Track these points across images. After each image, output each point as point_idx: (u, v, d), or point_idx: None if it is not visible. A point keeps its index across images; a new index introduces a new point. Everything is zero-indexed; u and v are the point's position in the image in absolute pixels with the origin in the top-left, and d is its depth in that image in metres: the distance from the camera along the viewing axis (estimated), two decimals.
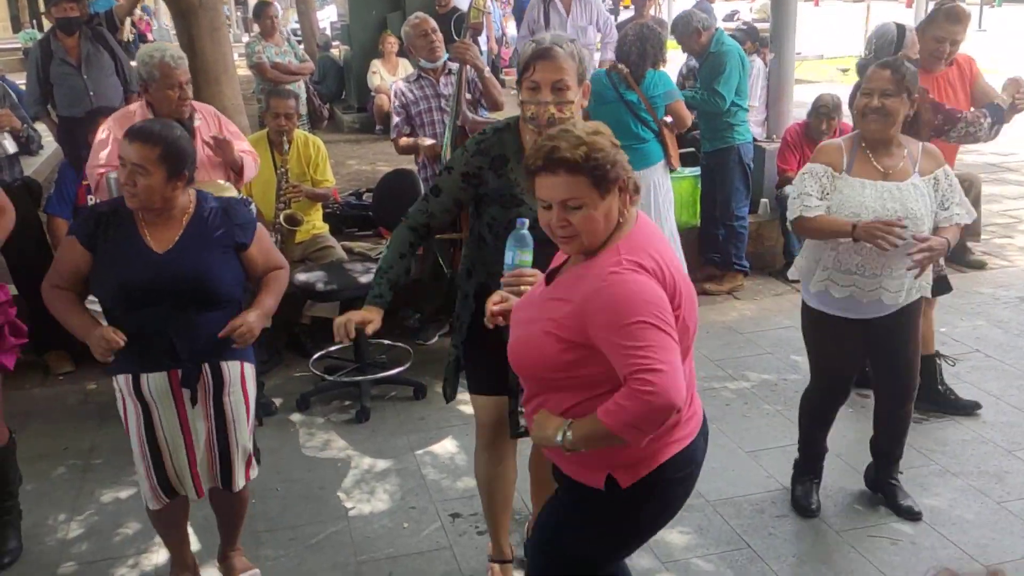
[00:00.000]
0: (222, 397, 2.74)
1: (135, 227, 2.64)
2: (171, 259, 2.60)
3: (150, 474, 2.74)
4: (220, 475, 2.81)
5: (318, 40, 13.15)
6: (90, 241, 2.63)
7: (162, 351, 2.62)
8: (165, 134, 2.59)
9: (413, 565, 3.10)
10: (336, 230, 5.28)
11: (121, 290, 2.59)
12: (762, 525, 3.27)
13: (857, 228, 2.93)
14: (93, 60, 5.42)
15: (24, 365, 4.68)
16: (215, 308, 2.65)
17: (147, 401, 2.67)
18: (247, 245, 2.73)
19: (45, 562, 3.18)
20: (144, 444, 2.71)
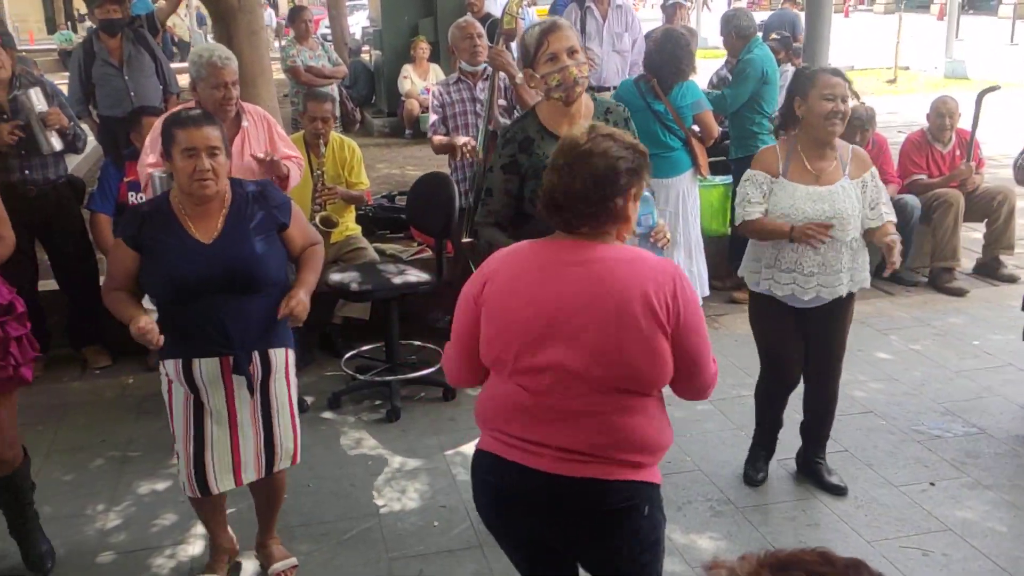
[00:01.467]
0: (269, 384, 2.82)
1: (178, 221, 2.70)
2: (219, 248, 2.67)
3: (189, 464, 2.79)
4: (265, 463, 2.87)
5: (349, 45, 13.27)
6: (135, 241, 2.70)
7: (215, 338, 2.69)
8: (210, 117, 2.77)
9: (443, 563, 3.14)
10: (368, 232, 5.33)
11: (172, 284, 2.65)
12: (792, 533, 3.27)
13: (794, 230, 3.21)
14: (134, 61, 5.51)
15: (62, 359, 4.80)
16: (262, 293, 2.72)
17: (198, 386, 2.74)
18: (287, 225, 2.82)
19: (84, 551, 3.25)
20: (190, 430, 2.77)
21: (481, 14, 7.49)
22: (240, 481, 2.86)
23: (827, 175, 3.28)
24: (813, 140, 3.28)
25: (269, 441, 2.87)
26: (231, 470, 2.82)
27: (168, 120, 2.77)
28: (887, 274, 3.36)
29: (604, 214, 1.96)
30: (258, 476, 2.89)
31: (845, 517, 3.35)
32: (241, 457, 2.83)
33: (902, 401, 4.26)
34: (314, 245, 2.94)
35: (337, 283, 4.33)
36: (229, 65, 3.65)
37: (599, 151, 1.95)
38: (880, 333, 5.08)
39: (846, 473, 3.63)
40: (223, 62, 3.63)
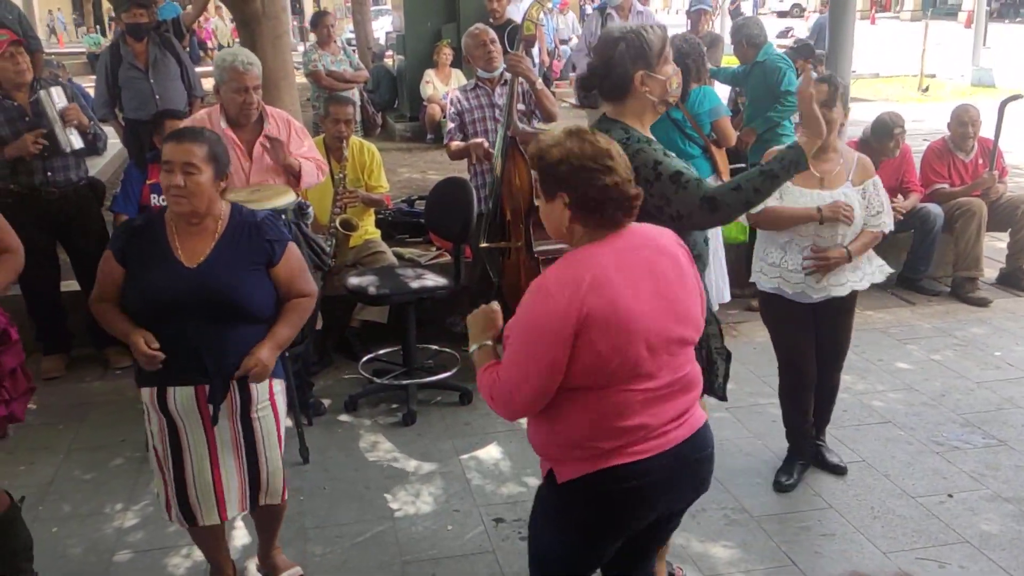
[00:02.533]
0: (250, 414, 2.68)
1: (166, 240, 2.61)
2: (201, 273, 2.57)
3: (171, 498, 2.69)
4: (249, 496, 2.75)
5: (373, 49, 13.35)
6: (122, 256, 2.62)
7: (190, 366, 2.57)
8: (206, 134, 2.62)
9: (456, 567, 3.14)
10: (387, 236, 5.36)
11: (148, 303, 2.56)
12: (808, 543, 3.25)
13: (822, 210, 3.32)
14: (160, 65, 5.58)
15: (84, 359, 4.86)
16: (246, 324, 2.61)
17: (172, 416, 2.62)
18: (273, 263, 2.67)
19: (101, 549, 3.28)
20: (167, 461, 2.66)
21: (502, 20, 7.52)
22: (225, 516, 2.73)
23: (831, 179, 3.39)
24: None
25: (254, 475, 2.73)
26: (215, 506, 2.70)
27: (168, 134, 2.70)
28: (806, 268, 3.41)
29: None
30: (241, 511, 2.78)
31: (861, 528, 3.32)
32: (224, 493, 2.69)
33: (921, 412, 4.22)
34: (302, 297, 2.76)
35: (355, 286, 4.36)
36: (251, 70, 3.69)
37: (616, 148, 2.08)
38: (900, 343, 5.04)
39: (863, 483, 3.61)
40: (244, 67, 3.66)
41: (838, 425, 4.07)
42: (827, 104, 3.33)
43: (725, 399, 2.89)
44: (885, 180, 5.30)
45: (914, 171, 5.90)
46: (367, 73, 9.06)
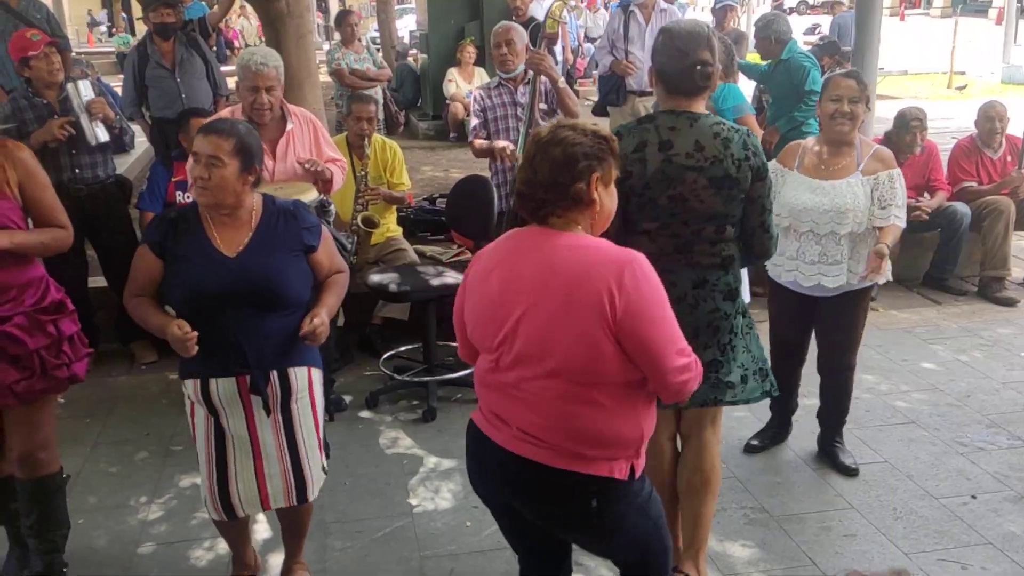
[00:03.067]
0: (290, 404, 2.71)
1: (203, 232, 2.63)
2: (242, 263, 2.60)
3: (213, 490, 2.71)
4: (295, 489, 2.76)
5: (397, 48, 13.40)
6: (160, 249, 2.64)
7: (231, 356, 2.60)
8: (237, 127, 2.64)
9: (474, 563, 3.16)
10: (409, 234, 5.39)
11: (192, 295, 2.58)
12: (829, 543, 3.23)
13: None
14: (186, 64, 5.64)
15: (111, 354, 4.93)
16: (283, 312, 2.64)
17: (216, 407, 2.66)
18: (315, 248, 2.72)
19: (126, 540, 3.33)
20: (212, 453, 2.70)
21: (524, 18, 7.52)
22: (268, 506, 2.77)
23: (837, 171, 3.44)
24: (828, 139, 3.47)
25: (298, 467, 2.75)
26: (257, 498, 2.73)
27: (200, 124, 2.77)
28: (857, 280, 3.47)
29: (566, 200, 2.04)
30: (287, 504, 2.78)
31: (883, 528, 3.30)
32: (267, 485, 2.72)
33: (946, 412, 4.18)
34: (340, 273, 2.84)
35: (377, 284, 4.38)
36: (263, 70, 3.67)
37: (557, 140, 2.04)
38: (926, 343, 4.99)
39: (885, 484, 3.58)
40: (257, 67, 3.65)
41: (861, 425, 4.05)
42: (855, 100, 3.34)
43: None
44: (911, 178, 5.26)
45: (940, 169, 5.84)
46: (390, 71, 9.10)
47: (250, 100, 3.72)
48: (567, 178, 2.02)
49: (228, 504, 2.73)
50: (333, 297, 2.79)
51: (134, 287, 2.70)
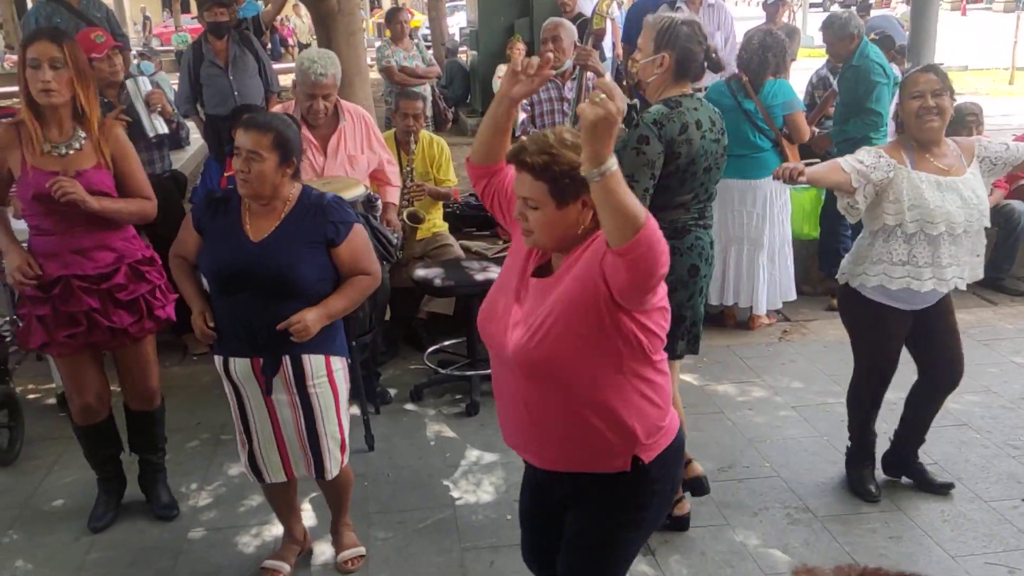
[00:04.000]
0: (306, 388, 2.81)
1: (239, 215, 2.80)
2: (262, 248, 2.72)
3: (243, 455, 2.96)
4: (314, 466, 2.92)
5: (447, 45, 13.47)
6: (199, 224, 2.84)
7: (245, 338, 2.76)
8: (276, 123, 2.74)
9: (514, 556, 3.14)
10: (455, 229, 5.42)
11: (215, 272, 2.77)
12: (873, 545, 3.18)
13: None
14: (239, 62, 5.75)
15: (165, 344, 5.01)
16: (299, 301, 2.72)
17: (236, 383, 2.85)
18: (336, 243, 2.78)
19: (177, 526, 3.43)
20: (239, 422, 2.91)
21: (573, 14, 7.50)
22: (291, 474, 2.94)
23: (954, 169, 3.18)
24: (918, 142, 3.18)
25: (316, 447, 2.88)
26: (280, 464, 2.92)
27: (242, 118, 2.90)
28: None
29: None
30: (308, 473, 2.95)
31: (930, 531, 3.24)
32: (288, 454, 2.90)
33: (999, 415, 4.08)
34: (363, 275, 2.86)
35: (422, 278, 4.43)
36: (322, 81, 3.81)
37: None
38: (981, 344, 4.87)
39: None
40: (316, 77, 3.78)
41: None
42: (939, 93, 3.11)
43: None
44: None
45: None
46: (439, 69, 9.15)
47: (307, 105, 3.84)
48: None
49: (256, 467, 2.94)
50: (341, 300, 2.81)
51: (179, 247, 2.92)
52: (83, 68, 2.99)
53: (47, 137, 3.01)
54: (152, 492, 3.51)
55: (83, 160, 3.02)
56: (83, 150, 3.04)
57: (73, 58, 2.95)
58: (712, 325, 5.22)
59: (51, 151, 3.01)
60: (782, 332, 5.16)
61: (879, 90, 5.10)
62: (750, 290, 5.02)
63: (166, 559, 3.22)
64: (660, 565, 3.09)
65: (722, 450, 3.85)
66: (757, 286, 4.99)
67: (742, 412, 4.20)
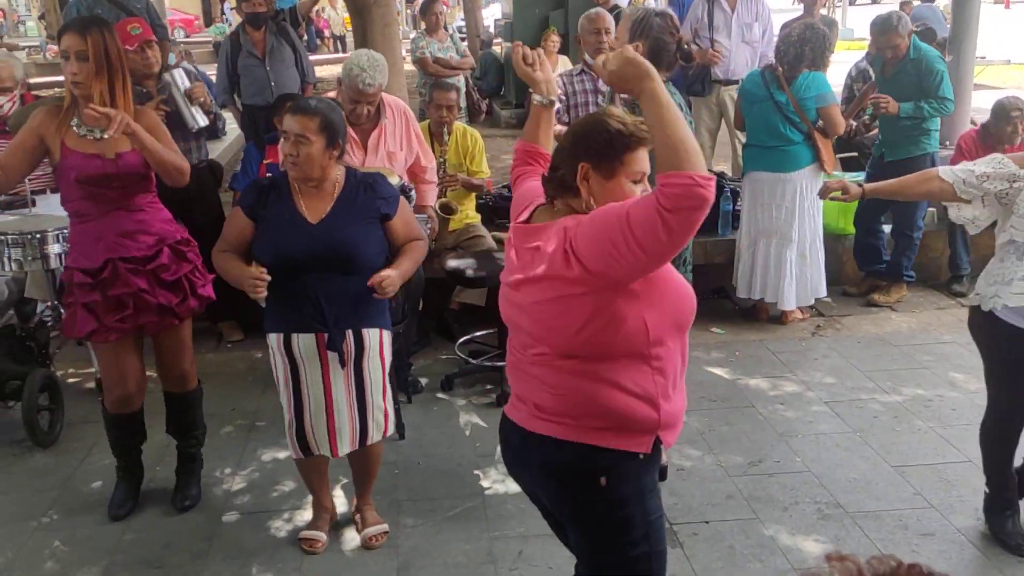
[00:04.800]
0: (362, 363, 2.97)
1: (292, 199, 2.91)
2: (323, 228, 2.85)
3: (291, 430, 3.03)
4: (359, 436, 3.04)
5: (482, 36, 13.47)
6: (252, 211, 2.93)
7: (312, 315, 2.87)
8: (322, 108, 2.86)
9: (542, 546, 3.19)
10: (488, 220, 5.43)
11: (278, 256, 2.84)
12: (904, 541, 3.16)
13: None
14: (276, 53, 5.80)
15: (200, 332, 5.09)
16: (359, 276, 2.86)
17: (296, 359, 2.93)
18: (390, 216, 2.97)
19: (211, 509, 3.48)
20: (291, 400, 2.98)
21: (608, 5, 7.47)
22: (336, 452, 3.04)
23: None
24: None
25: (363, 420, 3.03)
26: (327, 440, 3.02)
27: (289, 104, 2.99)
28: None
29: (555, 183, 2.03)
30: (352, 448, 3.06)
31: (963, 529, 3.20)
32: (336, 431, 3.00)
33: None
34: (418, 240, 3.06)
35: (454, 269, 4.45)
36: (369, 90, 3.86)
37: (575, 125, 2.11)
38: None
39: (969, 485, 3.46)
40: (365, 86, 3.83)
41: (946, 424, 3.94)
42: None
43: None
44: None
45: None
46: (472, 60, 9.15)
47: (351, 108, 3.89)
48: (558, 160, 2.02)
49: (304, 442, 3.03)
50: (407, 261, 2.99)
51: (223, 244, 2.99)
52: (111, 59, 2.99)
53: (83, 122, 3.06)
54: (184, 483, 3.53)
55: (120, 143, 3.06)
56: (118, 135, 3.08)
57: (95, 49, 2.95)
58: (744, 319, 5.20)
59: (87, 134, 3.06)
60: (815, 327, 5.11)
61: (946, 77, 5.05)
62: (778, 285, 4.97)
63: (200, 541, 3.28)
64: (688, 558, 3.08)
65: (752, 444, 3.83)
66: (785, 281, 4.94)
67: (773, 407, 4.17)
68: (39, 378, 3.97)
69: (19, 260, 3.88)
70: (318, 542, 3.19)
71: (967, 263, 5.49)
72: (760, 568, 3.05)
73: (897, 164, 4.94)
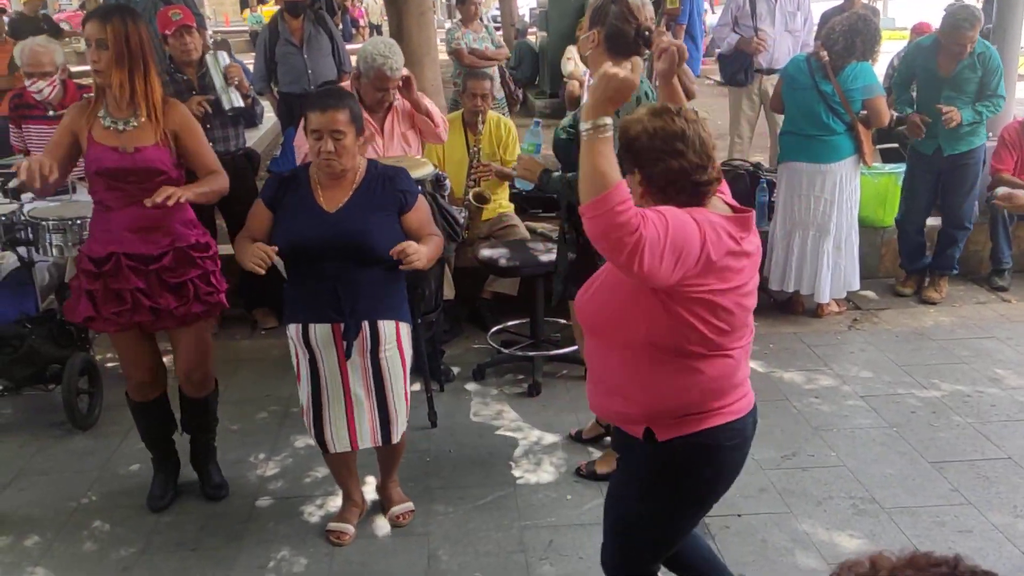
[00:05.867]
0: (379, 354, 2.95)
1: (310, 190, 2.92)
2: (339, 218, 2.86)
3: (309, 426, 3.05)
4: (380, 431, 3.03)
5: (516, 26, 13.44)
6: (272, 202, 2.95)
7: (328, 304, 2.88)
8: (346, 98, 2.87)
9: (573, 535, 3.19)
10: (520, 210, 5.42)
11: (294, 244, 2.86)
12: (941, 538, 3.11)
13: None
14: (313, 41, 5.84)
15: (235, 319, 5.18)
16: (375, 267, 2.87)
17: (313, 349, 2.94)
18: (406, 210, 2.96)
19: (245, 494, 3.53)
20: (309, 392, 2.99)
21: None
22: (355, 446, 3.02)
23: None
24: None
25: (384, 412, 3.01)
26: (346, 435, 3.00)
27: (306, 101, 2.95)
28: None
29: None
30: (374, 444, 3.04)
31: (1001, 526, 3.15)
32: (356, 426, 2.99)
33: None
34: (433, 235, 3.03)
35: (487, 258, 4.45)
36: (395, 76, 3.87)
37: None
38: None
39: (1008, 481, 3.42)
40: (392, 72, 3.84)
41: (985, 420, 3.87)
42: None
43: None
44: None
45: None
46: (507, 51, 9.13)
47: (379, 96, 3.88)
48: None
49: (321, 437, 3.03)
50: (430, 248, 2.95)
51: (245, 232, 3.01)
52: (131, 48, 2.93)
53: (109, 112, 3.05)
54: (204, 471, 3.53)
55: (141, 137, 3.03)
56: (141, 127, 3.03)
57: (116, 38, 2.90)
58: (779, 312, 5.14)
59: (111, 126, 3.03)
60: (852, 321, 5.05)
61: (1002, 72, 4.98)
62: (813, 277, 4.90)
63: (235, 525, 3.32)
64: (720, 551, 3.06)
65: (786, 438, 3.79)
66: (821, 273, 4.87)
67: (808, 400, 4.13)
68: (79, 362, 4.04)
69: (60, 246, 3.95)
70: (345, 534, 3.19)
71: (1009, 256, 5.39)
72: (792, 563, 3.02)
73: (956, 158, 5.04)
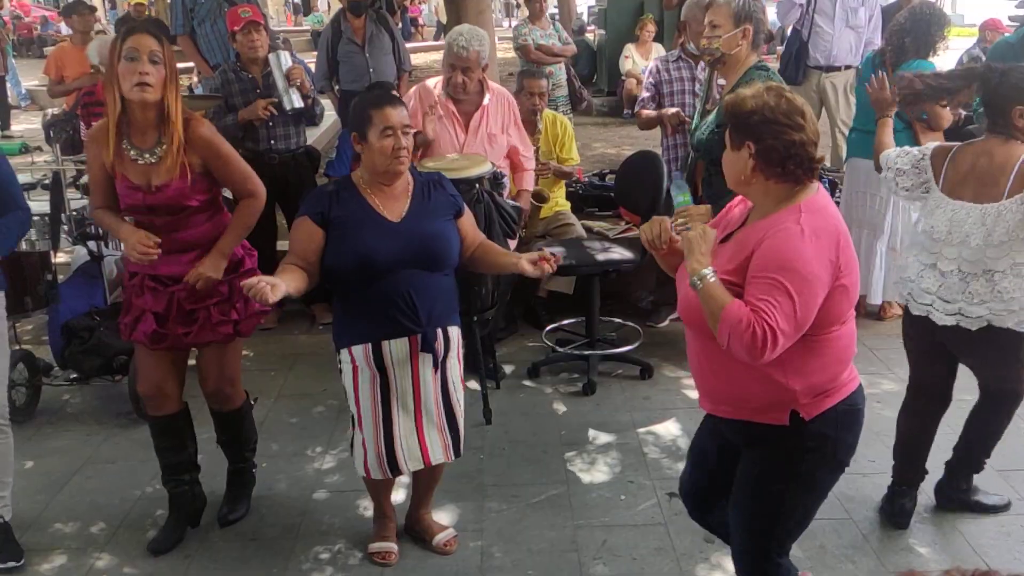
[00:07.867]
0: (447, 362, 2.87)
1: (365, 201, 2.76)
2: (408, 226, 2.75)
3: (380, 451, 2.82)
4: (452, 443, 2.91)
5: (573, 24, 13.40)
6: (323, 218, 2.72)
7: (405, 315, 2.74)
8: (396, 93, 2.89)
9: (627, 536, 3.17)
10: (577, 209, 5.42)
11: (364, 260, 2.68)
12: (1006, 549, 3.02)
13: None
14: (375, 40, 5.90)
15: (294, 314, 5.27)
16: (442, 273, 2.82)
17: (387, 368, 2.78)
18: (461, 213, 2.90)
19: (303, 486, 3.58)
20: (378, 414, 2.81)
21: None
22: (428, 461, 2.87)
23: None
24: None
25: (453, 422, 2.91)
26: (419, 454, 2.85)
27: (362, 101, 2.79)
28: None
29: None
30: (446, 458, 2.92)
31: None
32: (427, 441, 2.85)
33: None
34: (485, 240, 3.03)
35: None
36: (463, 54, 3.90)
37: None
38: None
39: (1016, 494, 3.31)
40: (459, 49, 3.88)
41: None
42: None
43: None
44: None
45: None
46: (574, 47, 9.10)
47: (448, 76, 3.92)
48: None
49: (394, 462, 2.84)
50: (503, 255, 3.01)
51: (290, 257, 2.76)
52: (175, 70, 2.86)
53: (132, 143, 2.87)
54: (232, 496, 3.39)
55: (163, 171, 2.86)
56: (163, 160, 2.85)
57: (169, 56, 2.84)
58: None
59: (136, 158, 2.87)
60: None
61: None
62: (867, 276, 4.80)
63: (293, 515, 3.38)
64: None
65: None
66: (874, 273, 4.77)
67: (870, 405, 3.94)
68: None
69: None
70: (391, 553, 3.07)
71: None
72: (852, 569, 2.97)
73: None
